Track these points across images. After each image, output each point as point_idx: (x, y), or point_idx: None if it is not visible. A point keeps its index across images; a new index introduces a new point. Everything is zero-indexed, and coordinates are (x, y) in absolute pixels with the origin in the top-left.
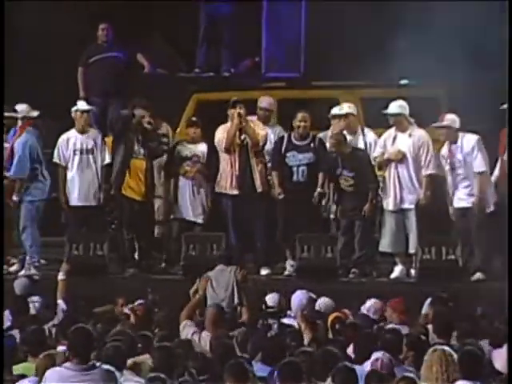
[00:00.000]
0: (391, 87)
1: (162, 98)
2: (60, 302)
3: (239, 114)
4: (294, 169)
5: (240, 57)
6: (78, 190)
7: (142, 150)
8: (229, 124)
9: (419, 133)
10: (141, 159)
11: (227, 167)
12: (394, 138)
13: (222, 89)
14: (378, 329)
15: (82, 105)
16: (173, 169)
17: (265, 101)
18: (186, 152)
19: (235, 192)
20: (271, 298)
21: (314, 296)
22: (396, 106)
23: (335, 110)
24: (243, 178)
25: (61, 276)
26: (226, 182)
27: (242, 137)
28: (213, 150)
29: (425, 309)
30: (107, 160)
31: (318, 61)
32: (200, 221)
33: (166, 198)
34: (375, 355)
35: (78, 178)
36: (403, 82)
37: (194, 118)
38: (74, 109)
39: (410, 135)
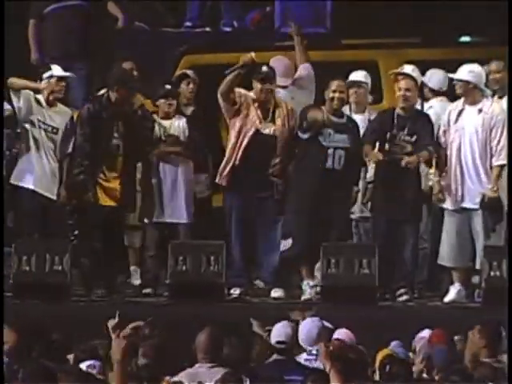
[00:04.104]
0: (448, 46)
1: (142, 62)
2: None
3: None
4: (330, 151)
5: (246, 6)
6: (35, 171)
7: (121, 143)
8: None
9: (494, 109)
10: (118, 155)
11: (230, 150)
12: (460, 113)
13: (221, 49)
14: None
15: (57, 70)
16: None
17: (273, 63)
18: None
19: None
20: (280, 329)
21: (330, 326)
22: (466, 72)
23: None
24: (245, 171)
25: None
26: (224, 170)
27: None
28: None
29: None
30: (70, 149)
31: (350, 12)
32: (184, 220)
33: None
34: None
35: (37, 157)
36: (464, 39)
37: (167, 86)
38: (46, 75)
39: (479, 111)
